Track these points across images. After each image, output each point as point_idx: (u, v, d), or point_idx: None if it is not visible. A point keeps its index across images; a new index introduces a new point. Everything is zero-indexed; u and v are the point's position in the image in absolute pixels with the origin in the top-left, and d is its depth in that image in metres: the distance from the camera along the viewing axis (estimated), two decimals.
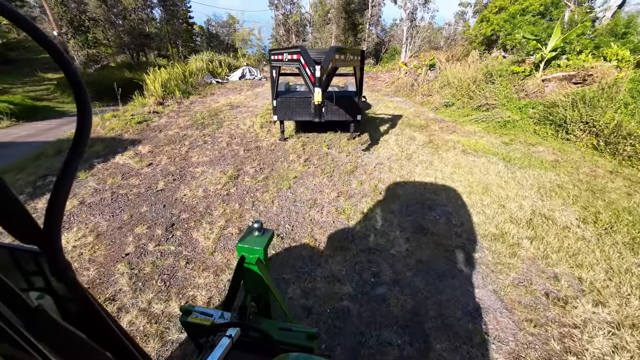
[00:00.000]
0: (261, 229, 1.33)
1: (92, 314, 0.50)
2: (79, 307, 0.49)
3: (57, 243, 0.40)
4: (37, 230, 0.38)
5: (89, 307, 0.50)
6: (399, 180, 4.62)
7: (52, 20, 14.95)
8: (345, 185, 4.43)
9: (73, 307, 0.49)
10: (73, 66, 0.38)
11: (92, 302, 0.50)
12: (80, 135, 0.39)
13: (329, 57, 3.77)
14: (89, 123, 0.40)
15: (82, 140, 0.39)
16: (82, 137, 0.39)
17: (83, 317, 0.50)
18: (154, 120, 7.89)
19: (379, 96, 13.24)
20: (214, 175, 4.76)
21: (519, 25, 11.93)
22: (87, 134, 0.40)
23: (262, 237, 1.31)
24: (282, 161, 5.35)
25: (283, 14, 35.66)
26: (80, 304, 0.49)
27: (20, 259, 0.48)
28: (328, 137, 6.67)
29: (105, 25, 23.33)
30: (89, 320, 0.51)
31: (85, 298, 0.49)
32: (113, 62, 26.94)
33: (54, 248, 0.40)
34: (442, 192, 4.27)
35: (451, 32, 33.88)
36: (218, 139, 6.53)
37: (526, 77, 9.32)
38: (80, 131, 0.39)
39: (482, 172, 4.99)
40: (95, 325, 0.51)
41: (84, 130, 0.39)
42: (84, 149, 0.40)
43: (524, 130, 7.52)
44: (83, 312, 0.50)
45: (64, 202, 0.40)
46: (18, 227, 0.37)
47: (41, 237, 0.39)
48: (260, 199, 4.04)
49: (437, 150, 6.00)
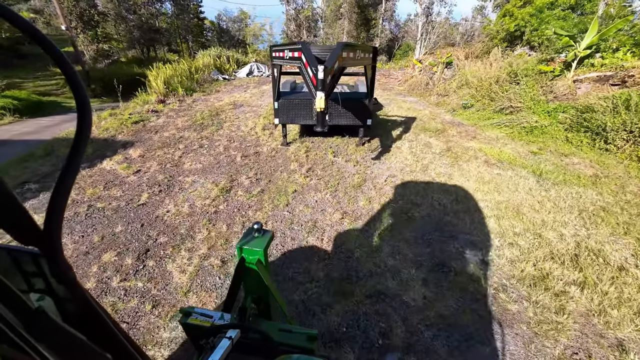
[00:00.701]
0: (261, 230, 1.32)
1: (92, 315, 0.51)
2: (79, 309, 0.50)
3: (57, 244, 0.40)
4: (37, 231, 0.38)
5: (89, 309, 0.50)
6: (414, 198, 4.00)
7: (60, 15, 14.77)
8: (351, 203, 3.85)
9: (73, 309, 0.50)
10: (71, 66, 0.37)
11: (92, 304, 0.50)
12: (80, 135, 0.39)
13: (334, 55, 3.18)
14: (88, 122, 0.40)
15: (82, 139, 0.39)
16: (82, 137, 0.39)
17: (83, 319, 0.50)
18: (151, 119, 7.46)
19: (391, 95, 12.53)
20: (204, 186, 4.25)
21: (546, 20, 10.96)
22: (87, 134, 0.40)
23: (261, 238, 1.31)
24: (282, 171, 4.80)
25: (294, 8, 34.98)
26: (80, 305, 0.49)
27: (20, 261, 0.49)
28: (335, 143, 6.08)
29: (117, 19, 23.20)
30: (89, 321, 0.51)
31: (85, 299, 0.49)
32: (124, 57, 26.93)
33: (54, 249, 0.40)
34: (464, 215, 3.64)
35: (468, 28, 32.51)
36: (215, 143, 6.03)
37: (555, 77, 8.46)
38: (80, 131, 0.39)
39: (511, 189, 4.31)
40: (95, 326, 0.51)
41: (83, 130, 0.39)
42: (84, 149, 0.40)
43: (554, 137, 6.74)
44: (83, 314, 0.50)
45: (64, 202, 0.39)
46: (18, 229, 0.37)
47: (41, 238, 0.39)
48: (252, 219, 3.51)
49: (457, 161, 5.34)
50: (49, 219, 0.38)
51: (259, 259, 1.29)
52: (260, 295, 1.40)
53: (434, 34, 25.32)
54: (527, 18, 11.59)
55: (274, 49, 4.86)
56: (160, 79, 10.29)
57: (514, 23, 12.12)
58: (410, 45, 30.74)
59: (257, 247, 1.27)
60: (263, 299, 1.41)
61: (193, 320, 1.30)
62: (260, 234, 1.32)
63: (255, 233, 1.32)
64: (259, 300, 1.40)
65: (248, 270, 1.32)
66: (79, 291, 0.47)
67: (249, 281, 1.37)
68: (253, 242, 1.29)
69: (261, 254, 1.27)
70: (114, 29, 23.62)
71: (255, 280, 1.34)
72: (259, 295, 1.40)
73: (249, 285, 1.39)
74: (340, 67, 3.55)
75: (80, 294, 0.48)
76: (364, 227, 3.39)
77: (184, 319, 1.31)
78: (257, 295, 1.39)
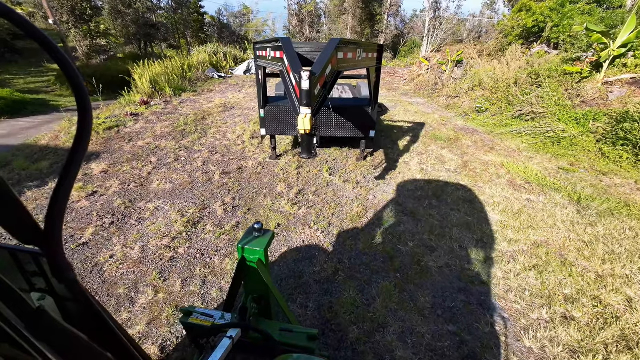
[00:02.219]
0: (261, 230, 1.33)
1: (92, 314, 0.51)
2: (80, 308, 0.50)
3: (58, 244, 0.40)
4: (38, 231, 0.38)
5: (89, 308, 0.50)
6: (427, 237, 3.16)
7: (46, 8, 13.99)
8: (349, 246, 3.02)
9: (74, 308, 0.51)
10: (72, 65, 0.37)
11: (92, 303, 0.50)
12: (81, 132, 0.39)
13: (325, 56, 2.33)
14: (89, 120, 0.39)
15: (83, 137, 0.39)
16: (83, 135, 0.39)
17: (84, 318, 0.51)
18: (128, 125, 6.66)
19: (396, 96, 11.63)
20: (167, 217, 3.45)
21: (569, 15, 9.96)
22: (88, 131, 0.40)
23: (262, 238, 1.32)
24: (267, 194, 3.98)
25: (297, 3, 33.93)
26: (81, 305, 0.49)
27: (21, 260, 0.50)
28: (332, 155, 5.24)
29: (112, 13, 22.39)
30: (89, 321, 0.51)
31: (86, 299, 0.49)
32: (121, 53, 26.14)
33: (55, 249, 0.40)
34: (495, 267, 2.79)
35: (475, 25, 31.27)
36: (195, 154, 5.22)
37: (583, 79, 7.52)
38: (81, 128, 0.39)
39: (548, 224, 3.46)
40: (95, 326, 0.52)
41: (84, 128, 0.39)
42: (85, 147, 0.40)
43: (586, 150, 5.83)
44: (84, 313, 0.50)
45: (65, 203, 0.39)
46: (19, 229, 0.37)
47: (42, 238, 0.39)
48: (217, 272, 2.69)
49: (477, 181, 4.47)
50: (50, 218, 0.38)
51: (260, 259, 1.29)
52: (260, 294, 1.40)
53: (441, 30, 24.22)
54: (547, 13, 10.59)
55: (257, 47, 4.02)
56: (146, 77, 9.47)
57: (531, 18, 11.11)
58: (416, 42, 29.63)
59: (257, 247, 1.27)
60: (264, 298, 1.41)
61: (194, 320, 1.29)
62: (260, 234, 1.33)
63: (255, 232, 1.32)
64: (259, 299, 1.40)
65: (248, 269, 1.32)
66: (79, 291, 0.47)
67: (249, 281, 1.38)
68: (254, 241, 1.30)
69: (261, 253, 1.28)
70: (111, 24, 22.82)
71: (255, 279, 1.34)
72: (260, 294, 1.40)
73: (250, 285, 1.40)
74: (335, 71, 2.70)
75: (81, 293, 0.48)
76: (364, 285, 2.56)
77: (185, 318, 1.30)
78: (258, 294, 1.40)
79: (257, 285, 1.35)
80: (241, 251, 1.29)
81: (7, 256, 0.49)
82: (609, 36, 7.17)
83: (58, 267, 0.42)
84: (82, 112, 0.38)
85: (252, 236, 1.32)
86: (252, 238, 1.31)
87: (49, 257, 0.41)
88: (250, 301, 1.35)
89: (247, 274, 1.34)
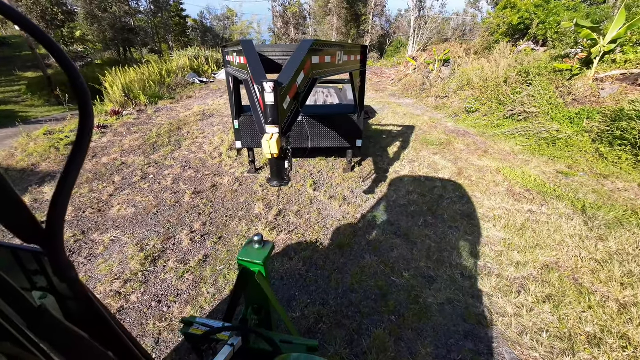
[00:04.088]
0: (261, 242, 1.34)
1: (94, 313, 0.51)
2: (82, 307, 0.50)
3: (59, 243, 0.40)
4: (40, 230, 0.38)
5: (91, 307, 0.50)
6: (424, 264, 2.77)
7: None
8: (335, 281, 2.59)
9: (75, 307, 0.50)
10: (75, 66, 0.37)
11: (94, 302, 0.50)
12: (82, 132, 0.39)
13: (294, 63, 1.88)
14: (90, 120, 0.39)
15: (84, 137, 0.39)
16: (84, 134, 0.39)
17: (85, 317, 0.51)
18: (93, 138, 6.08)
19: (384, 97, 11.30)
20: (124, 251, 2.95)
21: (555, 11, 9.83)
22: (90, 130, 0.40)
23: (262, 250, 1.33)
24: (242, 217, 3.52)
25: (281, 5, 33.50)
26: (82, 304, 0.49)
27: (22, 259, 0.50)
28: (317, 166, 4.81)
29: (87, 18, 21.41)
30: (91, 319, 0.51)
31: (87, 298, 0.49)
32: (99, 60, 25.09)
33: (56, 248, 0.40)
34: (503, 299, 2.41)
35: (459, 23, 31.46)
36: (165, 171, 4.71)
37: (573, 76, 7.32)
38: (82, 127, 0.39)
39: (555, 240, 3.11)
40: (97, 324, 0.52)
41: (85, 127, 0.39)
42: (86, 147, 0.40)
43: (583, 150, 5.58)
44: (85, 312, 0.50)
45: (66, 201, 0.39)
46: (20, 227, 0.37)
47: (43, 236, 0.39)
48: (175, 327, 2.22)
49: (473, 191, 4.12)
50: (51, 217, 0.38)
51: (260, 270, 1.30)
52: (260, 305, 1.40)
53: (427, 29, 24.18)
54: (533, 9, 10.45)
55: (225, 51, 3.56)
56: (118, 85, 8.85)
57: (517, 15, 10.97)
58: (402, 42, 29.58)
59: (257, 259, 1.28)
60: (264, 309, 1.41)
61: (195, 330, 1.29)
62: (261, 246, 1.33)
63: (255, 244, 1.33)
64: (259, 310, 1.41)
65: (249, 281, 1.32)
66: (81, 289, 0.48)
67: (249, 292, 1.38)
68: (254, 253, 1.30)
69: (262, 265, 1.29)
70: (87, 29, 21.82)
71: (256, 290, 1.34)
72: (260, 305, 1.40)
73: (250, 296, 1.40)
74: (310, 78, 2.27)
75: (83, 292, 0.48)
76: (352, 335, 2.13)
77: (186, 328, 1.30)
78: (258, 305, 1.40)
79: (258, 296, 1.37)
80: (241, 263, 1.31)
81: (8, 255, 0.50)
82: (598, 32, 6.99)
83: (59, 266, 0.42)
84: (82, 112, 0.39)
85: (252, 248, 1.34)
86: (252, 250, 1.33)
87: (50, 256, 0.41)
88: (250, 312, 1.38)
89: (247, 285, 1.35)
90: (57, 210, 0.38)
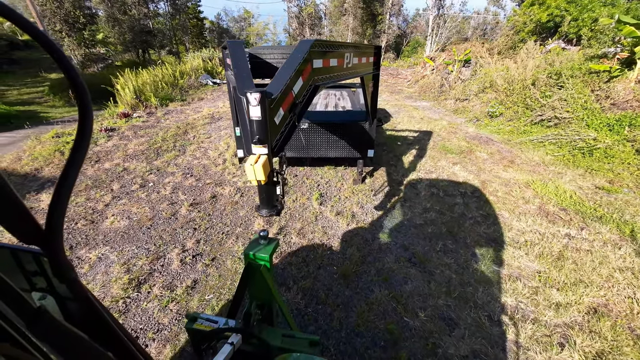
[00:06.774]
0: (267, 238, 1.36)
1: (94, 314, 0.50)
2: (81, 308, 0.49)
3: (58, 244, 0.40)
4: (39, 231, 0.38)
5: (90, 308, 0.49)
6: (443, 302, 2.36)
7: (34, 16, 13.52)
8: (338, 320, 2.23)
9: (75, 308, 0.51)
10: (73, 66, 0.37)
11: (93, 303, 0.50)
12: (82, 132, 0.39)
13: (289, 69, 1.54)
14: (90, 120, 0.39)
15: (84, 137, 0.39)
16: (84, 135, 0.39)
17: (85, 318, 0.50)
18: (99, 142, 5.98)
19: (400, 99, 10.81)
20: (109, 273, 2.70)
21: (590, 7, 9.05)
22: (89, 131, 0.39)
23: (267, 246, 1.35)
24: (240, 234, 3.21)
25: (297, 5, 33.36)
26: (82, 305, 0.49)
27: (22, 260, 0.50)
28: (325, 176, 4.46)
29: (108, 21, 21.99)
30: (90, 320, 0.50)
31: (87, 298, 0.48)
32: (119, 61, 25.77)
33: (56, 249, 0.40)
34: (543, 354, 1.98)
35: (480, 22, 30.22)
36: (165, 179, 4.49)
37: (612, 78, 6.62)
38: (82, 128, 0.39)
39: (602, 276, 2.62)
40: (96, 325, 0.51)
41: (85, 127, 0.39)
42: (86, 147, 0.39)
43: (626, 162, 4.95)
44: (85, 313, 0.50)
45: (65, 202, 0.39)
46: (20, 228, 0.37)
47: (43, 238, 0.38)
48: None
49: (499, 208, 3.65)
50: (51, 218, 0.38)
51: (265, 266, 1.31)
52: (264, 301, 1.41)
53: (445, 28, 23.33)
54: (564, 6, 9.68)
55: (225, 52, 3.27)
56: (130, 87, 8.83)
57: (546, 12, 10.21)
58: (419, 42, 28.78)
59: (262, 254, 1.30)
60: (267, 304, 1.41)
61: (198, 326, 1.31)
62: (266, 242, 1.35)
63: (261, 240, 1.35)
64: (262, 306, 1.41)
65: (254, 276, 1.33)
66: (80, 290, 0.47)
67: (254, 287, 1.39)
68: (259, 249, 1.32)
69: (267, 260, 1.31)
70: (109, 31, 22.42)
71: (260, 286, 1.35)
72: (263, 301, 1.41)
73: (254, 291, 1.40)
74: (311, 85, 1.93)
75: (82, 293, 0.47)
76: None
77: (190, 324, 1.32)
78: (262, 301, 1.41)
79: (261, 292, 1.37)
80: (247, 258, 1.32)
81: (8, 256, 0.49)
82: None
83: (59, 267, 0.42)
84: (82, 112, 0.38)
85: (257, 244, 1.35)
86: (257, 246, 1.34)
87: (50, 257, 0.41)
88: (254, 307, 1.37)
89: (252, 280, 1.35)
90: (56, 210, 0.38)
